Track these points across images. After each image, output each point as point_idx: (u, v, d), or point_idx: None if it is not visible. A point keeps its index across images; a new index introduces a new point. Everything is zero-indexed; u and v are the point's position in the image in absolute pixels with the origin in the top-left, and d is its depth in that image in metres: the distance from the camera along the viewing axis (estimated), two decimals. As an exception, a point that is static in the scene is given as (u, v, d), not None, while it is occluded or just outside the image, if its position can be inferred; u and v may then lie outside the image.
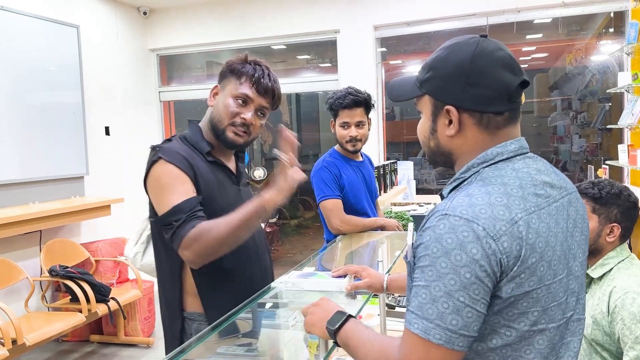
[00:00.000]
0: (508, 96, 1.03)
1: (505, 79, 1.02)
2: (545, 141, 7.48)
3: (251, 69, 1.68)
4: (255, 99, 1.69)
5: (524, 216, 0.96)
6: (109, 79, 5.22)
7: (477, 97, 1.03)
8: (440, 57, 1.08)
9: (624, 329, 1.75)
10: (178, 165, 1.59)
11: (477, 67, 1.02)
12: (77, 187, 4.62)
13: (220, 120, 1.69)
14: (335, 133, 2.69)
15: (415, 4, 4.93)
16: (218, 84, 1.76)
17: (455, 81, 1.04)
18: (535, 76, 7.43)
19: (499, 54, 1.04)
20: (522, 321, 0.97)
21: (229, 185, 1.75)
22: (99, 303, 3.79)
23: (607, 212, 1.92)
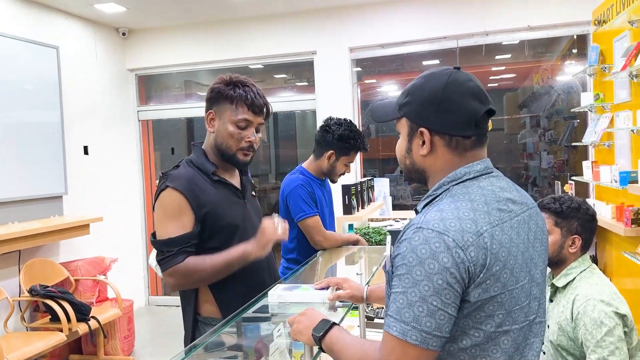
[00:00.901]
0: (475, 122, 1.16)
1: (473, 107, 1.15)
2: (515, 157, 7.72)
3: (242, 93, 1.81)
4: (254, 120, 1.86)
5: (489, 229, 1.08)
6: (88, 98, 5.26)
7: (448, 121, 1.16)
8: (418, 84, 1.21)
9: (586, 334, 1.88)
10: (183, 192, 1.77)
11: (449, 96, 1.15)
12: (55, 206, 4.63)
13: (229, 147, 1.85)
14: (333, 165, 2.74)
15: (389, 27, 5.12)
16: (211, 109, 1.87)
17: (429, 107, 1.17)
18: (504, 95, 7.70)
19: (469, 84, 1.17)
20: (489, 323, 1.08)
21: (234, 201, 1.90)
22: (80, 322, 3.79)
23: (568, 225, 2.06)
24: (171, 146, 6.65)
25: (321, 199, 2.78)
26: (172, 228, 1.76)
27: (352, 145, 2.70)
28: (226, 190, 1.90)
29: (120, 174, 5.70)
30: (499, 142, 7.81)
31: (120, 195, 5.63)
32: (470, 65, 5.42)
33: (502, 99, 7.10)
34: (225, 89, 1.83)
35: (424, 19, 5.04)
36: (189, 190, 1.78)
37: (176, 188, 1.77)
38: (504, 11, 4.83)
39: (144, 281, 5.99)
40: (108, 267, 4.52)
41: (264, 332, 1.85)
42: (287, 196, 2.69)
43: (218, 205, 1.83)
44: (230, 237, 1.86)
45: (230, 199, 1.90)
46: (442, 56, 5.38)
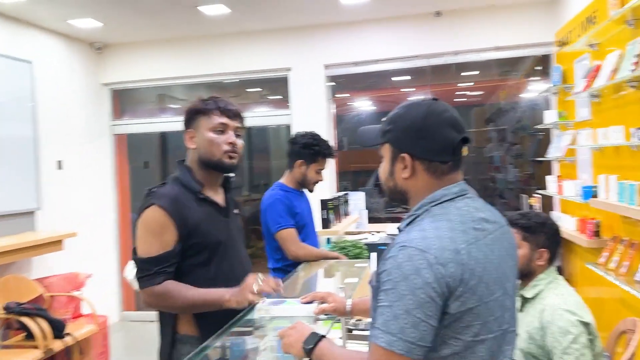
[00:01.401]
0: (452, 149, 1.27)
1: (450, 136, 1.26)
2: (482, 170, 7.95)
3: (214, 103, 1.91)
4: (230, 124, 1.92)
5: (466, 246, 1.18)
6: (62, 112, 5.23)
7: (427, 148, 1.27)
8: (399, 113, 1.32)
9: (554, 342, 2.01)
10: (168, 210, 1.81)
11: (428, 125, 1.26)
12: (28, 222, 4.58)
13: (212, 154, 1.90)
14: (304, 173, 2.88)
15: (363, 45, 5.27)
16: (189, 128, 1.95)
17: (409, 134, 1.28)
18: (472, 110, 7.95)
19: (446, 115, 1.28)
20: (467, 333, 1.18)
21: (217, 219, 1.94)
22: (55, 339, 3.76)
23: (535, 239, 2.20)
24: (145, 160, 6.63)
25: (302, 209, 2.90)
26: (154, 246, 1.80)
27: (317, 152, 2.86)
28: (210, 208, 1.94)
29: (95, 189, 5.67)
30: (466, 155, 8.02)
31: (94, 210, 5.60)
32: (440, 82, 5.61)
33: (470, 113, 7.33)
34: (198, 104, 1.93)
35: (397, 39, 5.20)
36: (174, 208, 1.82)
37: (161, 206, 1.81)
38: (473, 32, 5.03)
39: (117, 296, 5.94)
40: (83, 282, 4.48)
41: (249, 346, 1.92)
42: (265, 210, 2.82)
43: (202, 224, 1.87)
44: (212, 254, 1.91)
45: (214, 217, 1.94)
46: (414, 74, 5.56)
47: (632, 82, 2.96)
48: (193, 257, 1.88)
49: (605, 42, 3.51)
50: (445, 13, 5.07)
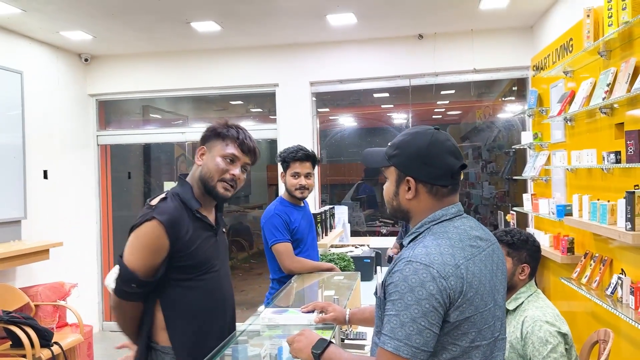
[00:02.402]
0: (451, 175, 1.42)
1: (450, 163, 1.41)
2: (457, 185, 8.19)
3: (235, 132, 1.95)
4: (241, 157, 1.96)
5: (464, 262, 1.33)
6: (49, 122, 5.26)
7: (430, 173, 1.41)
8: (405, 140, 1.46)
9: (534, 351, 2.16)
10: (166, 228, 1.81)
11: (431, 153, 1.41)
12: (14, 231, 4.59)
13: (211, 177, 1.92)
14: (286, 182, 3.04)
15: (347, 64, 5.45)
16: (203, 145, 1.98)
17: (415, 160, 1.43)
18: (448, 127, 8.21)
19: (447, 144, 1.43)
20: (464, 339, 1.32)
21: (208, 238, 1.96)
22: (43, 348, 3.78)
23: (518, 255, 2.37)
24: (128, 171, 6.67)
25: (300, 223, 3.02)
26: (145, 263, 1.81)
27: (284, 158, 3.04)
28: (203, 227, 1.95)
29: (79, 199, 5.69)
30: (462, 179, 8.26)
31: (77, 220, 5.61)
32: (420, 102, 5.82)
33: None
34: (221, 128, 1.96)
35: (380, 59, 5.40)
36: (172, 226, 1.82)
37: (161, 222, 1.80)
38: (453, 55, 5.26)
39: (98, 307, 5.93)
40: (68, 292, 4.51)
41: (250, 353, 2.02)
42: (264, 225, 2.94)
43: (194, 242, 1.89)
44: (199, 271, 1.93)
45: (205, 235, 1.95)
46: (396, 93, 5.76)
47: (604, 109, 3.17)
48: (180, 272, 1.89)
49: (580, 69, 3.74)
50: (427, 36, 5.28)
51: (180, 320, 1.90)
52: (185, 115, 6.68)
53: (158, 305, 1.90)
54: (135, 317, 1.91)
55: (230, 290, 2.11)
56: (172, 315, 1.90)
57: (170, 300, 1.90)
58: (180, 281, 1.89)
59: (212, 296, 1.96)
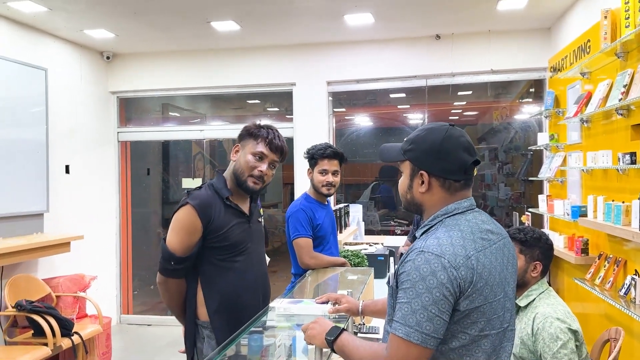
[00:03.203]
0: (464, 170, 1.46)
1: (464, 158, 1.45)
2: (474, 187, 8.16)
3: (265, 132, 2.19)
4: (269, 155, 2.19)
5: (475, 253, 1.37)
6: (71, 119, 5.39)
7: (443, 168, 1.46)
8: (420, 135, 1.51)
9: (544, 347, 2.19)
10: (198, 211, 2.08)
11: (445, 148, 1.45)
12: (37, 223, 4.71)
13: (242, 172, 2.18)
14: (313, 179, 3.09)
15: (364, 64, 5.49)
16: (238, 143, 2.25)
17: (429, 155, 1.47)
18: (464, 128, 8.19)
19: (461, 139, 1.47)
20: (473, 328, 1.36)
21: (240, 223, 2.21)
22: (63, 337, 3.89)
23: (531, 252, 2.39)
24: (147, 167, 6.78)
25: (324, 220, 3.08)
26: (183, 244, 2.09)
27: (312, 155, 3.09)
28: (234, 214, 2.20)
29: (99, 194, 5.81)
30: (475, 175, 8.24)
31: (98, 215, 5.73)
32: (437, 102, 5.84)
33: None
34: (253, 128, 2.21)
35: (397, 59, 5.44)
36: (204, 209, 2.09)
37: (193, 206, 2.08)
38: (470, 55, 5.27)
39: (116, 300, 6.05)
40: (88, 284, 4.62)
41: (266, 342, 2.08)
42: (288, 218, 3.03)
43: (225, 226, 2.14)
44: (233, 253, 2.18)
45: (237, 221, 2.20)
46: (412, 93, 5.79)
47: (620, 110, 3.18)
48: (216, 253, 2.15)
49: (597, 71, 3.74)
50: (445, 37, 5.31)
51: (216, 297, 2.15)
52: (203, 114, 6.77)
53: (199, 284, 2.17)
54: (178, 293, 2.17)
55: (264, 272, 2.35)
56: (209, 292, 2.16)
57: (208, 279, 2.16)
58: (217, 261, 2.15)
59: (245, 276, 2.20)
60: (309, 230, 2.96)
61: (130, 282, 6.22)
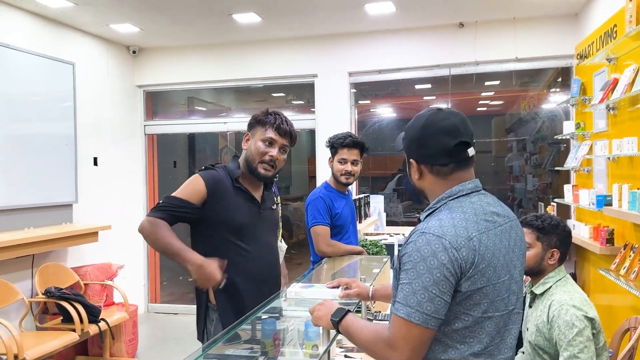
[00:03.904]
0: (448, 154, 1.44)
1: (443, 142, 1.43)
2: (502, 179, 8.04)
3: (272, 118, 2.21)
4: (279, 140, 2.22)
5: (477, 235, 1.36)
6: (99, 112, 5.52)
7: (424, 154, 1.47)
8: (409, 125, 1.53)
9: (560, 334, 2.16)
10: (206, 181, 2.14)
11: (424, 135, 1.46)
12: (66, 214, 4.85)
13: (253, 159, 2.21)
14: (333, 167, 3.10)
15: (386, 54, 5.46)
16: (248, 132, 2.28)
17: (412, 143, 1.49)
18: (492, 120, 8.05)
19: (443, 123, 1.45)
20: (476, 310, 1.36)
21: (248, 207, 2.23)
22: (90, 324, 4.01)
23: (548, 239, 2.35)
24: (173, 160, 6.90)
25: (343, 210, 3.09)
26: (180, 193, 2.14)
27: (332, 144, 3.09)
28: (243, 197, 2.22)
29: (127, 185, 5.95)
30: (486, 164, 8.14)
31: (125, 206, 5.87)
32: (461, 91, 5.77)
33: (491, 123, 7.46)
34: (261, 115, 2.24)
35: (419, 48, 5.39)
36: (212, 184, 2.15)
37: (203, 177, 2.15)
38: (494, 43, 5.19)
39: (144, 289, 6.19)
40: (115, 272, 4.74)
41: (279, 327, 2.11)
42: (307, 206, 3.06)
43: (231, 205, 2.17)
44: (239, 234, 2.18)
45: (244, 204, 2.22)
46: (435, 83, 5.73)
47: (646, 96, 3.09)
48: (223, 234, 2.16)
49: (623, 56, 3.64)
50: (468, 24, 5.23)
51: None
52: (228, 107, 6.85)
53: None
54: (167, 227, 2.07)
55: (273, 260, 2.34)
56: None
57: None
58: (225, 242, 2.15)
59: (252, 261, 2.20)
60: (327, 218, 2.98)
61: (157, 272, 6.34)
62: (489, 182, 7.22)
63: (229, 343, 1.96)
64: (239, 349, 2.00)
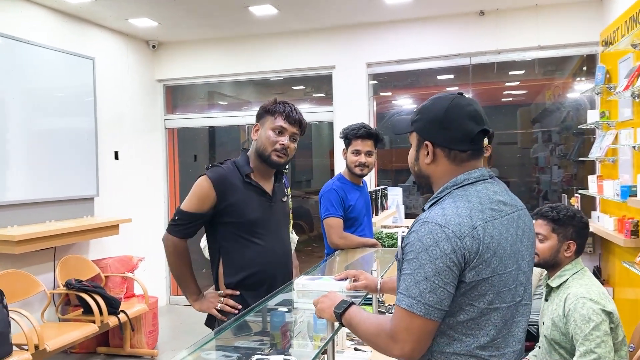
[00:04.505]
0: (470, 140, 1.40)
1: (469, 127, 1.40)
2: (527, 171, 7.89)
3: (281, 107, 2.21)
4: (289, 128, 2.21)
5: (482, 223, 1.32)
6: (119, 107, 5.58)
7: (447, 137, 1.41)
8: (426, 105, 1.47)
9: (576, 329, 2.09)
10: (213, 182, 2.13)
11: (450, 117, 1.40)
12: (87, 207, 4.93)
13: (265, 148, 2.20)
14: (346, 159, 3.06)
15: (404, 44, 5.38)
16: (257, 122, 2.28)
17: (433, 124, 1.43)
18: (518, 110, 7.88)
19: (468, 108, 1.41)
20: (481, 301, 1.32)
21: (260, 201, 2.22)
22: (110, 315, 4.07)
23: (564, 231, 2.28)
24: (194, 153, 6.94)
25: (357, 202, 3.05)
26: (191, 205, 2.15)
27: (346, 135, 3.05)
28: (254, 191, 2.22)
29: (148, 179, 6.01)
30: (511, 156, 7.98)
31: (146, 199, 5.93)
32: (482, 81, 5.65)
33: (516, 113, 7.31)
34: (269, 106, 2.24)
35: (439, 37, 5.29)
36: (220, 183, 2.14)
37: (210, 177, 2.14)
38: (516, 31, 5.06)
39: (165, 281, 6.27)
40: (136, 265, 4.80)
41: (288, 319, 2.10)
42: (320, 198, 3.03)
43: (242, 201, 2.17)
44: (252, 230, 2.19)
45: (256, 199, 2.21)
46: (456, 72, 5.63)
47: (672, 82, 2.97)
48: (236, 228, 2.17)
49: (648, 42, 3.51)
50: (489, 12, 5.12)
51: (233, 273, 2.20)
52: (247, 100, 6.86)
53: (220, 260, 2.23)
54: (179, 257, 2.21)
55: (285, 252, 2.34)
56: (228, 268, 2.21)
57: (227, 255, 2.21)
58: (237, 237, 2.17)
59: (264, 254, 2.21)
60: (340, 210, 2.94)
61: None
62: (515, 174, 7.08)
63: (238, 334, 1.96)
64: (248, 340, 2.00)
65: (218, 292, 2.23)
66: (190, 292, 2.25)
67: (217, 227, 2.19)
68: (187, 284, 2.25)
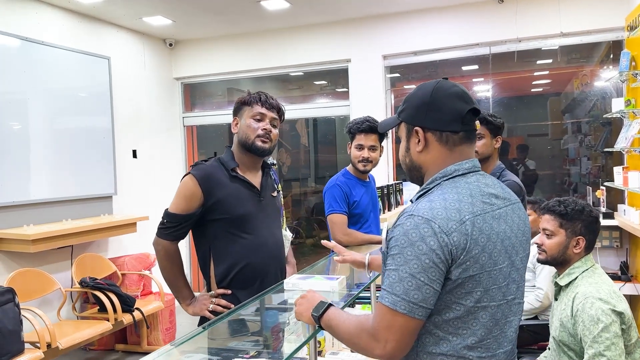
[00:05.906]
0: (461, 119, 1.33)
1: (458, 106, 1.33)
2: (558, 163, 7.65)
3: (257, 96, 2.22)
4: (267, 114, 2.20)
5: (471, 217, 1.24)
6: (137, 105, 5.62)
7: (436, 119, 1.34)
8: (411, 93, 1.42)
9: (584, 330, 1.98)
10: (198, 180, 2.11)
11: (436, 98, 1.34)
12: (106, 205, 4.99)
13: (248, 137, 2.18)
14: (350, 154, 2.99)
15: (421, 35, 5.25)
16: (235, 116, 2.26)
17: (420, 109, 1.37)
18: (548, 100, 7.64)
19: (454, 89, 1.35)
20: (468, 299, 1.24)
21: (248, 196, 2.19)
22: (125, 313, 4.09)
23: (572, 226, 2.16)
24: (214, 150, 6.96)
25: (362, 198, 2.97)
26: (179, 207, 2.13)
27: (350, 129, 2.98)
28: (241, 186, 2.19)
29: (166, 177, 6.04)
30: (542, 148, 7.75)
31: (165, 197, 5.93)
32: (502, 71, 5.48)
33: (544, 104, 7.08)
34: (245, 97, 2.23)
35: (456, 27, 5.14)
36: (205, 180, 2.12)
37: (195, 175, 2.12)
38: (537, 18, 4.88)
39: (186, 278, 6.30)
40: (152, 263, 4.82)
41: (280, 319, 2.05)
42: (324, 194, 2.97)
43: (230, 197, 2.14)
44: (242, 224, 2.16)
45: (244, 193, 2.19)
46: (475, 62, 5.47)
47: (696, 66, 2.79)
48: (225, 224, 2.15)
49: (674, 24, 3.31)
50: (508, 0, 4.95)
51: (223, 269, 2.17)
52: (267, 96, 6.82)
53: (211, 257, 2.20)
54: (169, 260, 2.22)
55: (277, 249, 2.29)
56: (217, 265, 2.19)
57: (217, 251, 2.18)
58: (226, 234, 2.15)
59: (254, 250, 2.17)
60: (344, 206, 2.87)
61: (197, 262, 6.43)
62: (546, 166, 6.87)
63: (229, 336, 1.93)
64: (239, 341, 1.96)
65: (209, 292, 2.20)
66: (182, 297, 2.24)
67: (207, 226, 2.16)
68: (179, 288, 2.23)
